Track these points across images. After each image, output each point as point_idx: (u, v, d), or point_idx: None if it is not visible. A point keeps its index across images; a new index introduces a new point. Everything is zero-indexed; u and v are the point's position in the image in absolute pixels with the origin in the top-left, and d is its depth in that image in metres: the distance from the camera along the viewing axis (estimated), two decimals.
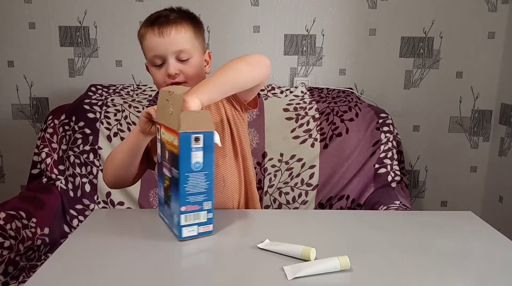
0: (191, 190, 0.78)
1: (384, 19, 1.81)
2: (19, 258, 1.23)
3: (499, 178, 1.86)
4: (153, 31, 0.96)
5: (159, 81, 0.99)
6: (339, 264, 0.69)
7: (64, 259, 0.74)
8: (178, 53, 0.96)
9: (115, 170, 0.99)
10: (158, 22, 0.96)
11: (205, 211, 0.80)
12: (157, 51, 0.96)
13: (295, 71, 1.86)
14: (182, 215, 0.78)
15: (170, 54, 0.96)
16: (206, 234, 0.81)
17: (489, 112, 1.89)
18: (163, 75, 0.97)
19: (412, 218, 0.99)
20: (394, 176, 1.57)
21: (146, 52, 0.99)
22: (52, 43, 1.82)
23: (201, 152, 0.77)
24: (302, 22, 1.81)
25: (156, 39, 0.95)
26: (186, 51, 0.97)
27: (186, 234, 0.79)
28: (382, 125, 1.62)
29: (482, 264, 0.75)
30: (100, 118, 1.59)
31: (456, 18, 1.80)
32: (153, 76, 1.00)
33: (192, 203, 0.78)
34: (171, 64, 0.96)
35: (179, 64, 0.97)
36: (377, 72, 1.86)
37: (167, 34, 0.95)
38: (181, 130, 0.75)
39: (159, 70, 0.98)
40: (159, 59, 0.97)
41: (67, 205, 1.52)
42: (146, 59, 1.01)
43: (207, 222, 0.81)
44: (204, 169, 0.78)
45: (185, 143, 0.76)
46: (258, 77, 0.94)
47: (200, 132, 0.77)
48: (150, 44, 0.97)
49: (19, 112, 1.88)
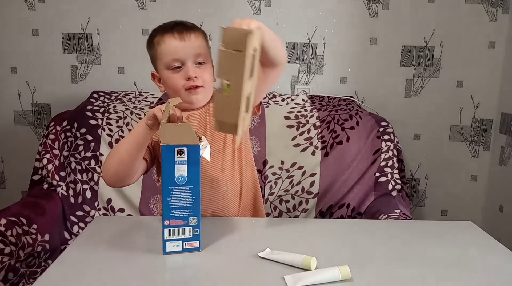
0: (175, 204, 0.76)
1: (385, 28, 1.82)
2: (19, 264, 1.23)
3: (499, 187, 1.86)
4: (172, 35, 0.98)
5: (176, 84, 1.00)
6: (340, 274, 0.70)
7: (65, 268, 0.74)
8: (197, 57, 0.99)
9: (118, 165, 0.95)
10: (177, 28, 0.99)
11: (191, 227, 0.78)
12: (177, 55, 0.98)
13: (296, 79, 1.87)
14: (165, 229, 0.77)
15: (190, 58, 0.99)
16: (192, 250, 0.79)
17: (490, 121, 1.90)
18: (181, 79, 0.99)
19: (413, 227, 0.99)
20: (395, 185, 1.57)
21: (162, 57, 1.00)
22: (55, 49, 1.83)
23: (185, 165, 0.75)
24: (304, 31, 1.83)
25: (177, 42, 0.98)
26: (204, 55, 1.00)
27: (170, 249, 0.77)
28: (383, 134, 1.62)
29: (482, 275, 0.75)
30: (102, 125, 1.59)
31: (457, 28, 1.82)
32: (168, 81, 1.01)
33: (176, 217, 0.77)
34: (190, 67, 0.98)
35: (197, 69, 1.00)
36: (378, 80, 1.87)
37: (187, 38, 0.98)
38: (163, 143, 0.74)
39: (176, 74, 0.99)
40: (178, 62, 0.99)
41: (67, 211, 1.52)
42: (159, 65, 1.01)
43: (193, 239, 0.78)
44: (189, 184, 0.76)
45: (168, 155, 0.74)
46: (282, 65, 0.94)
47: (184, 145, 0.75)
48: (169, 48, 0.98)
49: (21, 118, 1.89)
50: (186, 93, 1.00)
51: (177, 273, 0.73)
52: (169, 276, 0.73)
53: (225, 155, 1.05)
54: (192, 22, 1.06)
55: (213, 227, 0.92)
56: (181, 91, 1.00)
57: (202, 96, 1.02)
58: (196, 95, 1.01)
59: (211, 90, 1.05)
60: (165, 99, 1.70)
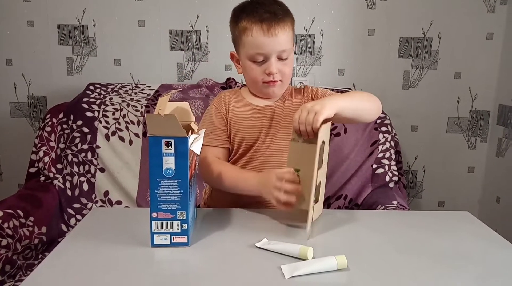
0: (163, 197, 0.76)
1: (383, 19, 1.81)
2: (16, 257, 1.23)
3: (496, 178, 1.86)
4: (261, 29, 0.96)
5: (256, 76, 1.01)
6: (336, 263, 0.70)
7: (61, 260, 0.74)
8: (281, 53, 0.98)
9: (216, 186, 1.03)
10: (266, 19, 0.96)
11: (179, 221, 0.77)
12: (263, 50, 0.97)
13: (294, 70, 1.86)
14: (153, 221, 0.76)
15: (274, 53, 0.98)
16: (181, 245, 0.78)
17: (487, 113, 1.90)
18: (262, 73, 1.00)
19: (409, 218, 0.99)
20: (392, 176, 1.57)
21: (248, 47, 0.99)
22: (51, 41, 1.82)
23: (173, 158, 0.74)
24: (301, 22, 1.81)
25: (265, 38, 0.96)
26: (288, 50, 0.99)
27: (158, 242, 0.77)
28: (380, 125, 1.62)
29: (479, 265, 0.75)
30: (98, 117, 1.59)
31: (455, 19, 1.81)
32: (250, 71, 1.01)
33: (164, 210, 0.76)
34: (273, 64, 0.98)
35: (279, 63, 0.99)
36: (376, 72, 1.86)
37: (274, 34, 0.96)
38: (150, 133, 0.73)
39: (258, 67, 1.00)
40: (262, 57, 0.98)
41: (64, 204, 1.52)
42: (242, 51, 1.01)
43: (181, 233, 0.77)
44: (177, 177, 0.75)
45: (155, 147, 0.73)
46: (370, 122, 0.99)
47: (171, 137, 0.74)
48: (256, 42, 0.97)
49: (17, 110, 1.88)
50: (263, 85, 1.02)
51: (164, 266, 0.73)
52: (156, 269, 0.72)
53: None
54: (189, 14, 1.05)
55: (210, 218, 0.92)
56: (259, 83, 1.01)
57: (279, 89, 1.04)
58: (273, 88, 1.02)
59: (288, 82, 1.05)
60: (162, 91, 1.70)
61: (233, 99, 1.07)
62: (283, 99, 1.08)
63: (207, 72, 1.83)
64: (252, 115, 1.05)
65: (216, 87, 1.72)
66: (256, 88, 1.04)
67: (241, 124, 1.04)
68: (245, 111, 1.05)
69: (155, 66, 1.84)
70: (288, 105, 1.07)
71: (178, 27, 1.80)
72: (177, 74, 1.85)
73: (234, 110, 1.05)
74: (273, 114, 1.05)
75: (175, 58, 1.84)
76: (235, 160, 1.06)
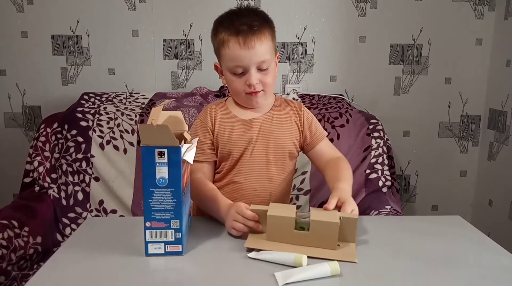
0: (156, 206, 0.76)
1: (373, 27, 1.84)
2: (11, 267, 1.23)
3: (488, 182, 1.88)
4: (237, 42, 0.96)
5: (238, 88, 1.02)
6: (329, 270, 0.71)
7: (56, 270, 0.74)
8: (260, 64, 0.99)
9: (193, 201, 1.06)
10: (242, 32, 0.96)
11: (173, 230, 0.77)
12: (240, 62, 0.98)
13: (286, 78, 1.88)
14: (147, 230, 0.77)
15: (253, 65, 0.98)
16: (175, 254, 0.78)
17: (478, 117, 1.92)
18: (243, 84, 1.00)
19: (402, 223, 1.01)
20: (385, 181, 1.58)
21: (226, 60, 1.00)
22: (45, 51, 1.82)
23: (166, 167, 0.75)
24: (293, 30, 1.84)
25: (241, 51, 0.97)
26: (267, 61, 0.99)
27: (152, 251, 0.78)
28: (373, 131, 1.64)
29: (471, 269, 0.76)
30: (92, 126, 1.59)
31: (444, 26, 1.84)
32: (231, 82, 1.02)
33: (158, 219, 0.76)
34: (252, 75, 0.99)
35: (259, 74, 1.00)
36: (367, 78, 1.88)
37: (251, 46, 0.96)
38: (143, 143, 0.74)
39: (239, 78, 1.01)
40: (241, 69, 0.99)
41: (59, 213, 1.52)
42: (223, 64, 1.03)
43: (176, 242, 0.77)
44: (170, 186, 0.75)
45: (148, 157, 0.74)
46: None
47: (164, 146, 0.74)
48: (233, 55, 0.98)
49: (11, 120, 1.88)
50: (246, 96, 1.02)
51: (158, 275, 0.74)
52: (151, 278, 0.73)
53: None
54: (182, 23, 1.05)
55: (204, 227, 0.93)
56: (242, 95, 1.02)
57: (262, 99, 1.04)
58: (255, 98, 1.02)
59: (272, 91, 1.06)
60: (156, 99, 1.70)
61: (220, 113, 1.07)
62: (270, 111, 1.08)
63: (201, 81, 1.84)
64: (239, 128, 1.05)
65: (210, 95, 1.73)
66: (239, 99, 1.05)
67: (228, 138, 1.04)
68: (231, 125, 1.05)
69: (149, 75, 1.86)
70: (276, 118, 1.07)
71: (172, 36, 1.81)
72: (171, 83, 1.87)
73: (220, 124, 1.05)
74: (260, 128, 1.05)
75: (169, 67, 1.85)
76: (223, 174, 1.07)
